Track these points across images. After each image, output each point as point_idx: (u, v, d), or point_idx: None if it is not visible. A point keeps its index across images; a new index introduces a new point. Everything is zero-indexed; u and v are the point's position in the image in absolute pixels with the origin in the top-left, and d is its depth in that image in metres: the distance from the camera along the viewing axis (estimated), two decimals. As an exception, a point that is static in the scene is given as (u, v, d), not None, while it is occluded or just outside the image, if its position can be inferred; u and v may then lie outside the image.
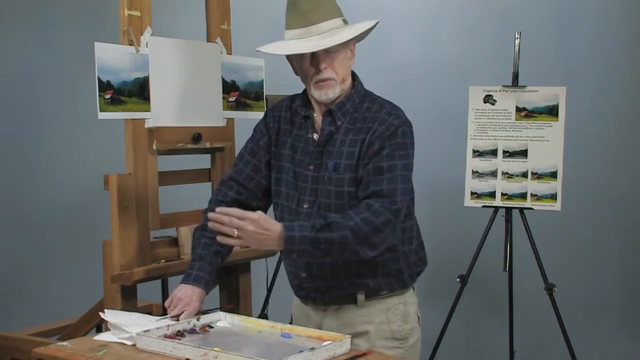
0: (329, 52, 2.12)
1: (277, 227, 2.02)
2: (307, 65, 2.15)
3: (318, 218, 2.12)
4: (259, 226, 2.01)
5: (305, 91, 2.27)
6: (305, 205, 2.20)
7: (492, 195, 3.58)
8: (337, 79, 2.16)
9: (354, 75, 2.27)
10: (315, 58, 2.13)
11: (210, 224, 2.06)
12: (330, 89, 2.16)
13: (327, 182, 2.17)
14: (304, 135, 2.25)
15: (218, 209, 2.05)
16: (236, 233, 2.01)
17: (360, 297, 2.22)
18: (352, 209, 2.09)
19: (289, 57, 2.23)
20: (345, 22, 2.19)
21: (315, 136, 2.23)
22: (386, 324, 2.23)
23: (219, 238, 2.06)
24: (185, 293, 2.25)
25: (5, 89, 4.74)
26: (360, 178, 2.13)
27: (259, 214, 2.02)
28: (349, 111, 2.20)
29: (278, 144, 2.30)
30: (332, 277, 2.20)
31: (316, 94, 2.17)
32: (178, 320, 2.19)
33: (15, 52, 4.74)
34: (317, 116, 2.25)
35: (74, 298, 3.55)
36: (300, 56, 2.15)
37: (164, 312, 2.29)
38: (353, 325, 2.22)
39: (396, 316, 2.25)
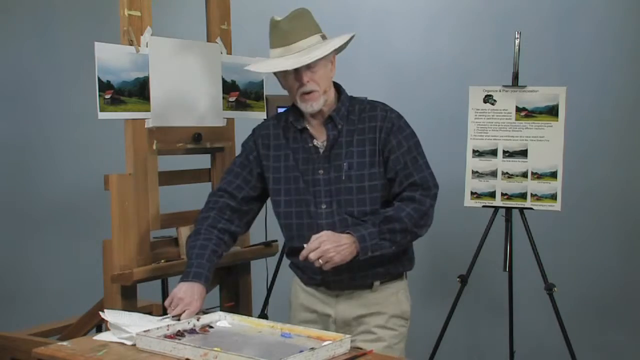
0: (309, 67, 2.29)
1: (346, 236, 2.23)
2: (291, 80, 2.33)
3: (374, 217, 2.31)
4: (333, 240, 2.20)
5: (294, 106, 2.40)
6: (324, 206, 2.36)
7: (492, 195, 3.58)
8: (319, 91, 2.33)
9: (337, 86, 2.43)
10: (298, 73, 2.30)
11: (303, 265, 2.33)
12: (315, 101, 2.33)
13: (346, 180, 2.34)
14: (302, 146, 2.39)
15: (302, 255, 2.23)
16: (321, 262, 2.20)
17: (376, 283, 2.41)
18: (371, 201, 2.32)
19: (275, 73, 2.39)
20: (323, 37, 2.35)
21: (317, 143, 2.38)
22: (397, 304, 2.44)
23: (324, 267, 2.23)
24: (185, 293, 2.25)
25: (5, 89, 4.74)
26: (391, 173, 2.34)
27: (324, 233, 2.22)
28: (344, 114, 2.39)
29: (270, 159, 2.43)
30: (347, 269, 2.29)
31: (302, 106, 2.35)
32: (179, 320, 2.20)
33: (15, 52, 4.74)
34: (312, 126, 2.39)
35: (74, 298, 3.55)
36: (285, 73, 2.33)
37: (164, 312, 2.29)
38: (367, 306, 2.41)
39: (403, 297, 2.47)
